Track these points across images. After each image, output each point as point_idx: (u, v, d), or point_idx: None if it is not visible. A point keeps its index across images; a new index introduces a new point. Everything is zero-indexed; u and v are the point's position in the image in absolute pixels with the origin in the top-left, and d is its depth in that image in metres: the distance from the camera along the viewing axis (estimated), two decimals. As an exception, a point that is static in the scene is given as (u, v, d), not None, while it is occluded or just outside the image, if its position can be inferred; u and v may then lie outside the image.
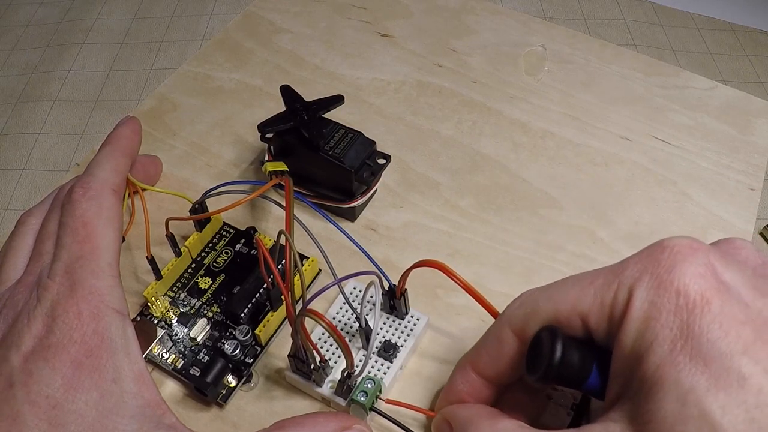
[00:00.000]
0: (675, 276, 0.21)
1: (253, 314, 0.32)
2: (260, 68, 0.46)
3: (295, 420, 0.26)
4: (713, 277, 0.21)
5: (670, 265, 0.21)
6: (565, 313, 0.24)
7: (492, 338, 0.26)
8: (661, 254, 0.22)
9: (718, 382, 0.19)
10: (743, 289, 0.21)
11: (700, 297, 0.20)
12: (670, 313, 0.21)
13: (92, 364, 0.25)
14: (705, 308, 0.20)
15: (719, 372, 0.19)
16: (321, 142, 0.35)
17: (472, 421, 0.25)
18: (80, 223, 0.28)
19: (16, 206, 1.05)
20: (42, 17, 1.36)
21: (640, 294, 0.21)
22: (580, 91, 0.45)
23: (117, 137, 0.34)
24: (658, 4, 1.38)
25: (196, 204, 0.34)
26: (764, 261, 0.24)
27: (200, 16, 1.33)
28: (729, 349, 0.19)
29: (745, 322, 0.20)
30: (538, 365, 0.23)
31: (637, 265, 0.22)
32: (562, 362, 0.23)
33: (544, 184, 0.39)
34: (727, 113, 0.43)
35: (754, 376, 0.19)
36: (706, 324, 0.20)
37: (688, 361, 0.20)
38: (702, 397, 0.19)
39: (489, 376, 0.27)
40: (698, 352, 0.20)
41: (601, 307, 0.23)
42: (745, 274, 0.22)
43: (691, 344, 0.20)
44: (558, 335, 0.23)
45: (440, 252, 0.36)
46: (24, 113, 1.17)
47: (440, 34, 0.49)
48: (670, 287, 0.21)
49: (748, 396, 0.19)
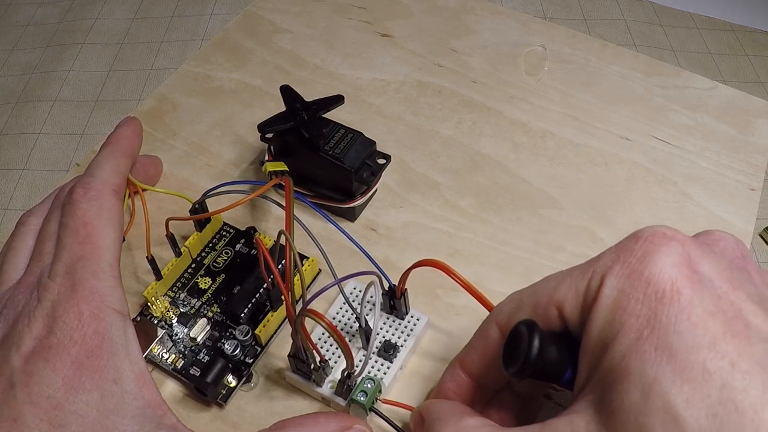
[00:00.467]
0: (646, 265, 0.21)
1: (253, 314, 0.32)
2: (260, 68, 0.46)
3: (296, 420, 0.26)
4: (687, 266, 0.20)
5: (643, 254, 0.21)
6: (544, 304, 0.23)
7: (479, 335, 0.26)
8: (635, 243, 0.21)
9: (682, 374, 0.19)
10: (717, 281, 0.20)
11: (671, 286, 0.20)
12: (638, 301, 0.20)
13: (93, 365, 0.25)
14: (674, 298, 0.20)
15: (684, 364, 0.19)
16: (321, 142, 0.35)
17: (441, 416, 0.25)
18: (81, 224, 0.28)
19: (16, 206, 1.05)
20: (42, 17, 1.36)
21: (611, 282, 0.21)
22: (580, 91, 0.45)
23: (118, 138, 0.34)
24: (658, 4, 1.38)
25: (196, 204, 0.34)
26: (743, 253, 0.23)
27: (200, 16, 1.33)
28: (695, 342, 0.19)
29: (716, 314, 0.19)
30: (515, 359, 0.23)
31: (612, 255, 0.22)
32: (539, 356, 0.22)
33: (544, 184, 0.39)
34: (727, 113, 0.43)
35: (719, 370, 0.18)
36: (674, 314, 0.19)
37: (653, 351, 0.19)
38: (666, 389, 0.19)
39: (476, 375, 0.27)
40: (664, 343, 0.19)
41: (576, 295, 0.22)
42: (720, 266, 0.21)
43: (657, 334, 0.19)
44: (536, 329, 0.23)
45: (440, 252, 0.36)
46: (24, 113, 1.17)
47: (440, 34, 0.49)
48: (640, 276, 0.21)
49: (711, 390, 0.18)
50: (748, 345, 0.19)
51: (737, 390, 0.18)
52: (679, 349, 0.19)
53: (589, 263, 0.23)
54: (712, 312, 0.19)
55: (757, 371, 0.18)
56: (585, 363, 0.22)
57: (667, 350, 0.19)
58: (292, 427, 0.26)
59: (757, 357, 0.19)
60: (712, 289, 0.20)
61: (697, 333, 0.19)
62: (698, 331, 0.19)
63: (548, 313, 0.23)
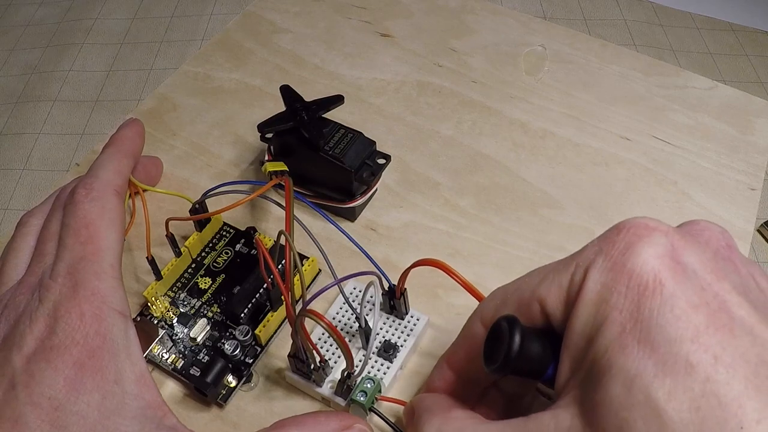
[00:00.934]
0: (628, 257, 0.20)
1: (253, 314, 0.32)
2: (260, 68, 0.46)
3: (296, 419, 0.26)
4: (670, 258, 0.20)
5: (625, 246, 0.21)
6: (527, 299, 0.23)
7: (464, 333, 0.26)
8: (617, 235, 0.21)
9: (665, 368, 0.18)
10: (701, 272, 0.20)
11: (653, 279, 0.20)
12: (621, 294, 0.20)
13: (94, 366, 0.25)
14: (657, 290, 0.19)
15: (666, 358, 0.18)
16: (321, 142, 0.35)
17: (429, 409, 0.26)
18: (83, 224, 0.28)
19: (16, 206, 1.05)
20: (42, 17, 1.36)
21: (594, 275, 0.21)
22: (580, 90, 0.45)
23: (120, 139, 0.34)
24: (658, 4, 1.38)
25: (196, 204, 0.34)
26: (728, 243, 0.23)
27: (200, 16, 1.33)
28: (678, 335, 0.19)
29: (699, 306, 0.19)
30: (496, 355, 0.22)
31: (594, 247, 0.22)
32: (521, 352, 0.22)
33: (544, 184, 0.39)
34: (727, 113, 0.43)
35: (702, 364, 0.18)
36: (657, 307, 0.19)
37: (636, 344, 0.19)
38: (648, 382, 0.18)
39: (463, 372, 0.27)
40: (647, 336, 0.19)
41: (559, 290, 0.22)
42: (705, 256, 0.21)
43: (640, 327, 0.19)
44: (516, 324, 0.22)
45: (440, 252, 0.36)
46: (24, 113, 1.17)
47: (440, 34, 0.49)
48: (623, 268, 0.20)
49: (694, 384, 0.18)
50: (732, 338, 0.18)
51: (720, 383, 0.18)
52: (662, 342, 0.19)
53: (572, 257, 0.22)
54: (695, 304, 0.19)
55: (741, 364, 0.18)
56: (568, 358, 0.21)
57: (650, 343, 0.19)
58: (293, 426, 0.26)
59: (741, 350, 0.18)
60: (695, 280, 0.20)
61: (679, 326, 0.19)
62: (681, 323, 0.19)
63: (531, 309, 0.23)
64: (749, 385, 0.18)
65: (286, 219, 0.29)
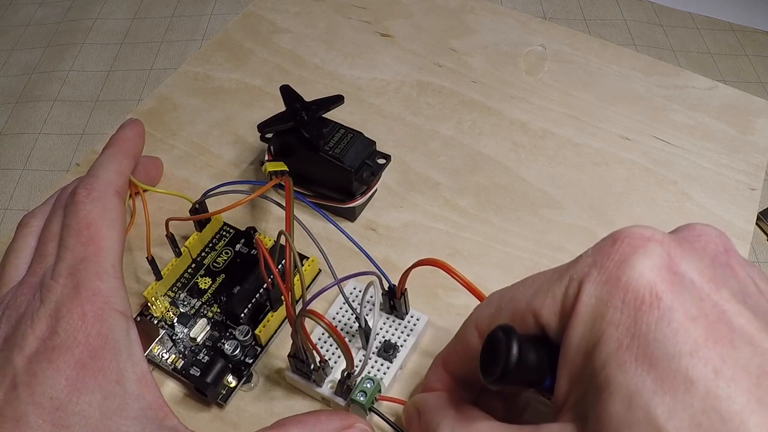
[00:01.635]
0: (624, 270, 0.20)
1: (253, 314, 0.32)
2: (260, 68, 0.46)
3: (297, 418, 0.26)
4: (666, 269, 0.20)
5: (620, 259, 0.20)
6: (521, 311, 0.23)
7: (459, 338, 0.26)
8: (612, 247, 0.21)
9: (664, 384, 0.18)
10: (699, 281, 0.20)
11: (650, 292, 0.19)
12: (617, 309, 0.19)
13: (96, 366, 0.25)
14: (654, 304, 0.19)
15: (665, 374, 0.18)
16: (321, 142, 0.35)
17: (440, 408, 0.25)
18: (84, 225, 0.28)
19: (16, 206, 1.05)
20: (42, 17, 1.36)
21: (588, 289, 0.20)
22: (580, 90, 0.45)
23: (120, 139, 0.34)
24: (658, 4, 1.38)
25: (196, 204, 0.34)
26: (726, 247, 0.22)
27: (200, 16, 1.33)
28: (677, 350, 0.18)
29: (697, 318, 0.19)
30: (494, 366, 0.22)
31: (588, 259, 0.21)
32: (519, 363, 0.21)
33: (544, 184, 0.39)
34: (727, 113, 0.43)
35: (702, 379, 0.18)
36: (654, 322, 0.19)
37: (634, 361, 0.19)
38: (648, 399, 0.18)
39: (458, 375, 0.27)
40: (644, 352, 0.18)
41: (553, 302, 0.22)
42: (702, 264, 0.20)
43: (637, 343, 0.19)
44: (513, 334, 0.22)
45: (440, 252, 0.36)
46: (24, 113, 1.17)
47: (440, 34, 0.49)
48: (618, 282, 0.20)
49: (694, 400, 0.17)
50: (732, 349, 0.18)
51: (721, 398, 0.17)
52: (660, 358, 0.18)
53: (566, 267, 0.22)
54: (693, 316, 0.19)
55: (742, 377, 0.18)
56: (566, 371, 0.21)
57: (648, 359, 0.18)
58: (294, 425, 0.26)
59: (742, 362, 0.18)
60: (693, 291, 0.19)
61: (678, 340, 0.18)
62: (679, 337, 0.18)
63: (526, 320, 0.23)
64: (751, 398, 0.17)
65: (286, 219, 0.29)
